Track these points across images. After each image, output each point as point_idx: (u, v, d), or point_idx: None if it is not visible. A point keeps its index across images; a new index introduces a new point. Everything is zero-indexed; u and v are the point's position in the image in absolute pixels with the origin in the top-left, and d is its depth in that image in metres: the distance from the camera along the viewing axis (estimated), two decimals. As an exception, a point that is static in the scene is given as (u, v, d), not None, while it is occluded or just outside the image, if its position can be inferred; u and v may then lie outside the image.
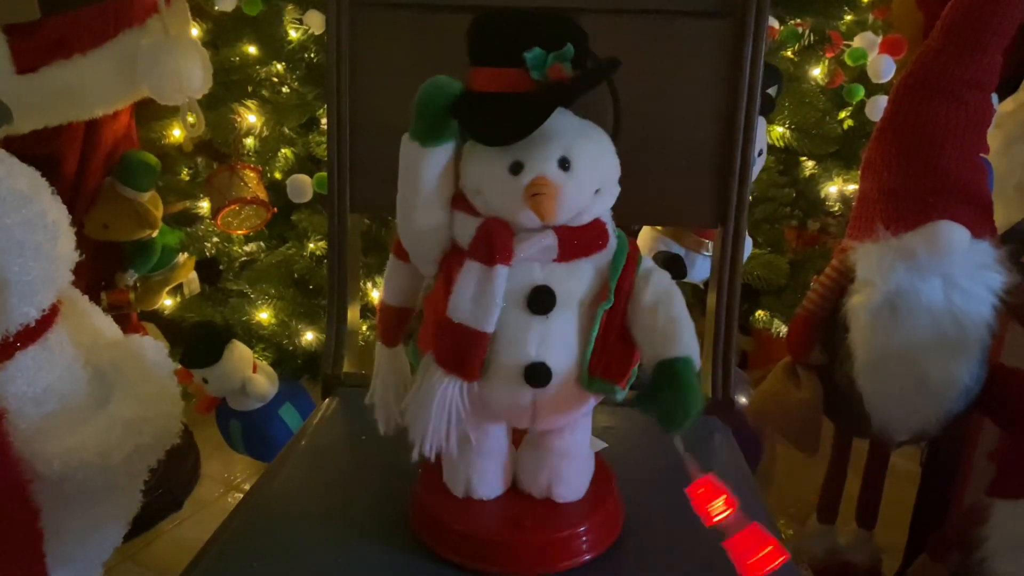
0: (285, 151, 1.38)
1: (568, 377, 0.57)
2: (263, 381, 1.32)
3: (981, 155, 0.94)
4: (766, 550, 0.52)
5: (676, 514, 0.67)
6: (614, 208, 0.61)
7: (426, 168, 0.57)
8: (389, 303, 0.67)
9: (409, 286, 0.66)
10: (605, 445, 0.70)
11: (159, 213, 1.34)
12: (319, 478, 0.73)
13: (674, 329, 0.56)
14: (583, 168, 0.55)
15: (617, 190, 0.59)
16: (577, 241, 0.57)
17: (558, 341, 0.57)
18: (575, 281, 0.57)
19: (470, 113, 0.55)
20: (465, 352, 0.55)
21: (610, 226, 0.60)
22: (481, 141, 0.56)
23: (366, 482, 0.71)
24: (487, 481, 0.63)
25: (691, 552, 0.64)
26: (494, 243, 0.55)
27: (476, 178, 0.57)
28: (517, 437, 0.65)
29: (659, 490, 0.70)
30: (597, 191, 0.57)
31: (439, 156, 0.57)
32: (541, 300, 0.56)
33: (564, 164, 0.55)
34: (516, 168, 0.54)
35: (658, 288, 0.58)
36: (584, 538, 0.61)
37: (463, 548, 0.60)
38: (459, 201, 0.58)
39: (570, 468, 0.63)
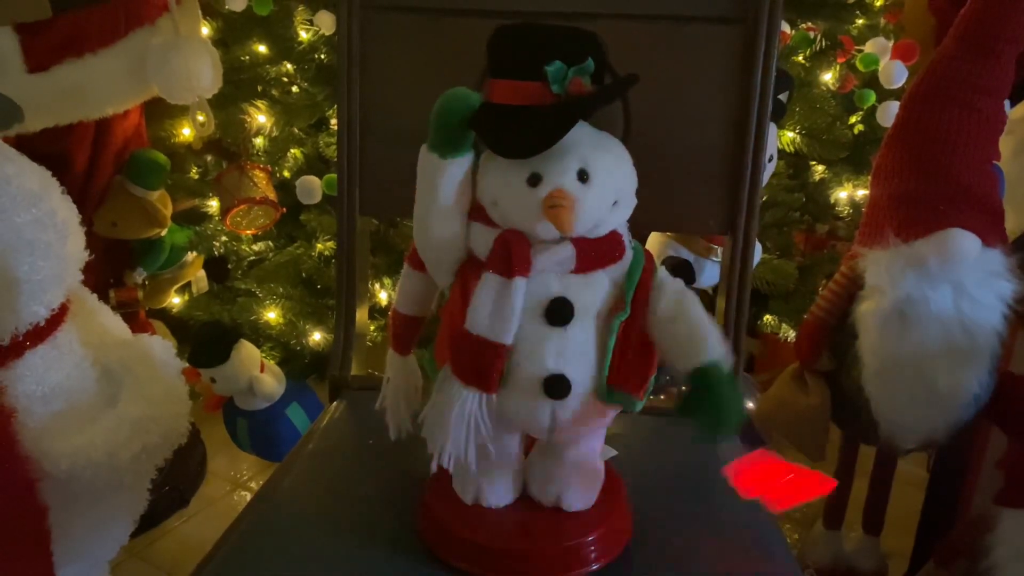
0: (295, 151, 1.38)
1: (587, 389, 0.57)
2: (270, 381, 1.32)
3: (993, 162, 0.93)
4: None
5: (686, 521, 0.68)
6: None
7: (444, 179, 0.56)
8: (402, 312, 0.67)
9: (423, 295, 0.66)
10: (615, 452, 0.70)
11: (168, 212, 1.35)
12: (326, 482, 0.73)
13: (698, 334, 0.56)
14: (601, 180, 0.55)
15: (634, 202, 0.59)
16: (594, 253, 0.57)
17: (577, 353, 0.56)
18: (592, 292, 0.57)
19: (489, 125, 0.55)
20: (484, 365, 0.55)
21: (626, 237, 0.60)
22: (500, 154, 0.55)
23: (374, 487, 0.71)
24: (497, 490, 0.63)
25: (701, 560, 0.64)
26: (512, 255, 0.54)
27: (493, 190, 0.56)
28: (527, 445, 0.65)
29: (669, 497, 0.71)
30: (614, 203, 0.57)
31: (457, 168, 0.56)
32: (559, 312, 0.56)
33: (582, 176, 0.55)
34: (534, 180, 0.54)
35: (672, 296, 0.58)
36: (593, 547, 0.60)
37: (472, 556, 0.59)
38: (476, 212, 0.58)
39: (580, 478, 0.63)
